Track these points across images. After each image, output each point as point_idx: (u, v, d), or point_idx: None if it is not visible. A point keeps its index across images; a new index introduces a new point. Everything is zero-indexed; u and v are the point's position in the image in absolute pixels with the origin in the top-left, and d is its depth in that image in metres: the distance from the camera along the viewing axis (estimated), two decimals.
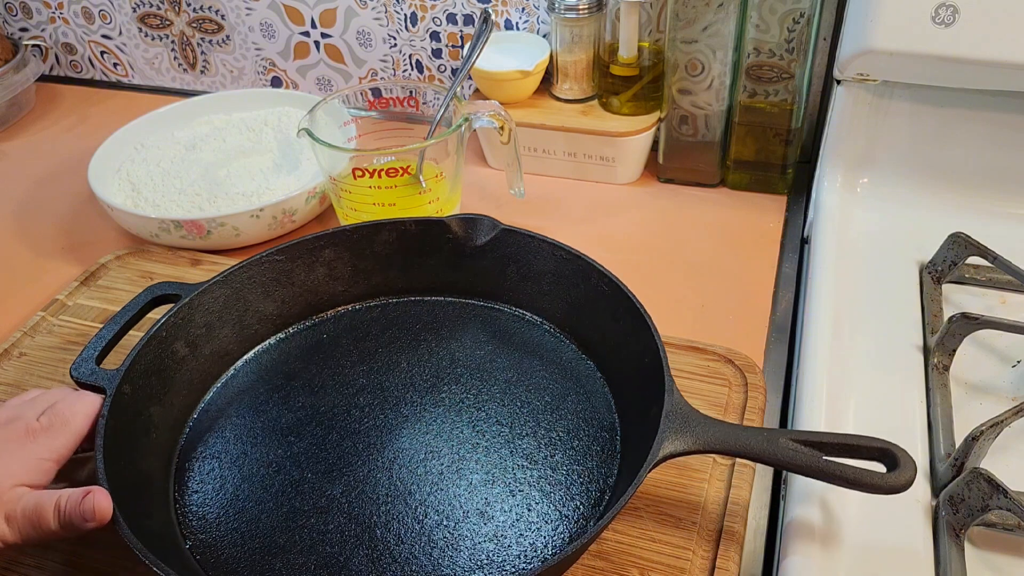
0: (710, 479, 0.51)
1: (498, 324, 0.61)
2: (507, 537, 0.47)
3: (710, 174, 0.78)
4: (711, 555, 0.47)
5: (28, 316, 0.67)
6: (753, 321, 0.64)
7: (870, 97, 0.66)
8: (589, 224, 0.75)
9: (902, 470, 0.42)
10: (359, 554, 0.46)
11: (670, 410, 0.46)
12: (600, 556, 0.47)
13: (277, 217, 0.71)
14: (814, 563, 0.45)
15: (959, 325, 0.54)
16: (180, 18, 0.95)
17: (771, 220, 0.74)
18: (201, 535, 0.48)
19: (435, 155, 0.68)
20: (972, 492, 0.44)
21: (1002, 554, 0.45)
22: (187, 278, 0.69)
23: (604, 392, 0.55)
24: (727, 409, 0.55)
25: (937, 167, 0.68)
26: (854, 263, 0.64)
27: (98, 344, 0.52)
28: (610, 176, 0.79)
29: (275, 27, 0.91)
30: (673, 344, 0.59)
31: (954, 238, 0.61)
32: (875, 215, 0.68)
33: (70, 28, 1.00)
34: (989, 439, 0.47)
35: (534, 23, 0.82)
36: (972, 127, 0.66)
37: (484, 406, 0.55)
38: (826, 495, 0.48)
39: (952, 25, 0.58)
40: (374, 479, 0.50)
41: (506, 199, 0.77)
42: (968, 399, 0.54)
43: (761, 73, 0.71)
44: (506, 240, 0.60)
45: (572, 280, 0.58)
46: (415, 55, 0.88)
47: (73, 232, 0.78)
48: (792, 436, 0.44)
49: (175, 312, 0.54)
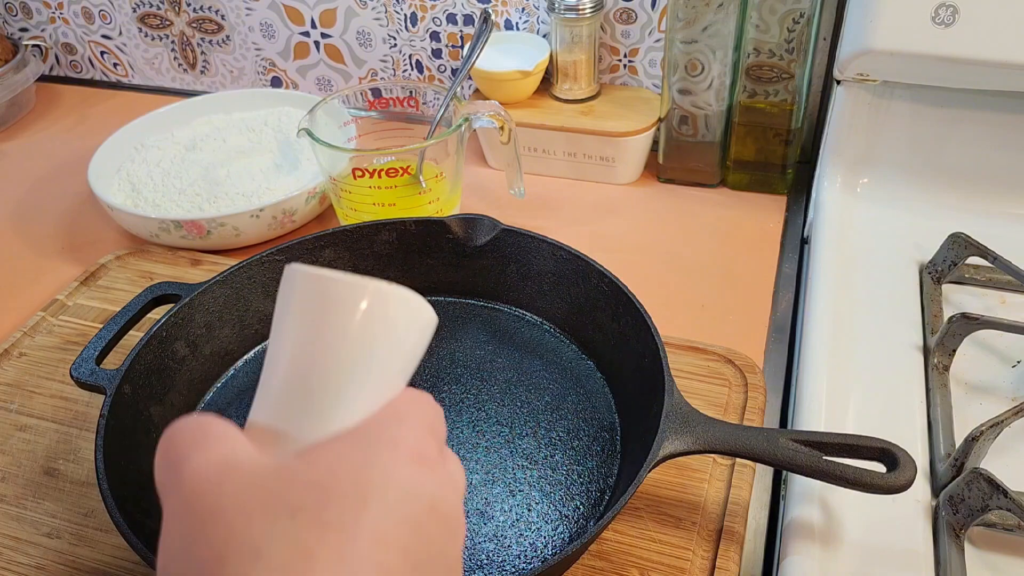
0: (710, 479, 0.51)
1: (498, 324, 0.61)
2: (507, 537, 0.47)
3: (710, 174, 0.78)
4: (711, 555, 0.47)
5: (28, 316, 0.67)
6: (753, 321, 0.64)
7: (870, 97, 0.66)
8: (589, 224, 0.75)
9: (902, 470, 0.42)
10: None
11: (670, 410, 0.46)
12: (600, 556, 0.47)
13: (277, 217, 0.71)
14: (814, 563, 0.45)
15: (959, 325, 0.54)
16: (180, 18, 0.95)
17: (771, 220, 0.74)
18: None
19: (435, 155, 0.68)
20: (972, 492, 0.44)
21: (1002, 554, 0.45)
22: (187, 278, 0.69)
23: (604, 392, 0.55)
24: (727, 409, 0.55)
25: (937, 167, 0.68)
26: (854, 263, 0.64)
27: (98, 344, 0.52)
28: (610, 176, 0.79)
29: (275, 27, 0.91)
30: (673, 344, 0.59)
31: (954, 238, 0.61)
32: (875, 215, 0.68)
33: (70, 28, 1.00)
34: (989, 439, 0.47)
35: (534, 23, 0.82)
36: (972, 127, 0.66)
37: (484, 406, 0.55)
38: (826, 495, 0.48)
39: (952, 25, 0.58)
40: None
41: (506, 199, 0.77)
42: (968, 399, 0.54)
43: (761, 73, 0.71)
44: (506, 240, 0.60)
45: (572, 280, 0.58)
46: (415, 55, 0.88)
47: (73, 232, 0.78)
48: (792, 436, 0.44)
49: (175, 312, 0.54)
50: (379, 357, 0.28)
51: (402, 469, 0.26)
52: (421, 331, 0.29)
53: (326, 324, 0.27)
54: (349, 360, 0.27)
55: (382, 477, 0.25)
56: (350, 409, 0.27)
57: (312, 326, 0.27)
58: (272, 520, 0.24)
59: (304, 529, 0.24)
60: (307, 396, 0.27)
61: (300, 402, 0.27)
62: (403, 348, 0.28)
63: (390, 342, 0.28)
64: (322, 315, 0.27)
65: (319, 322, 0.27)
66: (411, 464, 0.26)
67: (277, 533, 0.23)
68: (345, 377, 0.27)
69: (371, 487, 0.25)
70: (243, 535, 0.23)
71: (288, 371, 0.27)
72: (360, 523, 0.24)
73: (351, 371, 0.27)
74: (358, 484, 0.25)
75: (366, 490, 0.25)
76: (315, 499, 0.24)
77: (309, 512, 0.24)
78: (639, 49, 0.80)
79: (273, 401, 0.27)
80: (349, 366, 0.27)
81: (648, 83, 0.82)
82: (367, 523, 0.24)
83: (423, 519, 0.26)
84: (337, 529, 0.24)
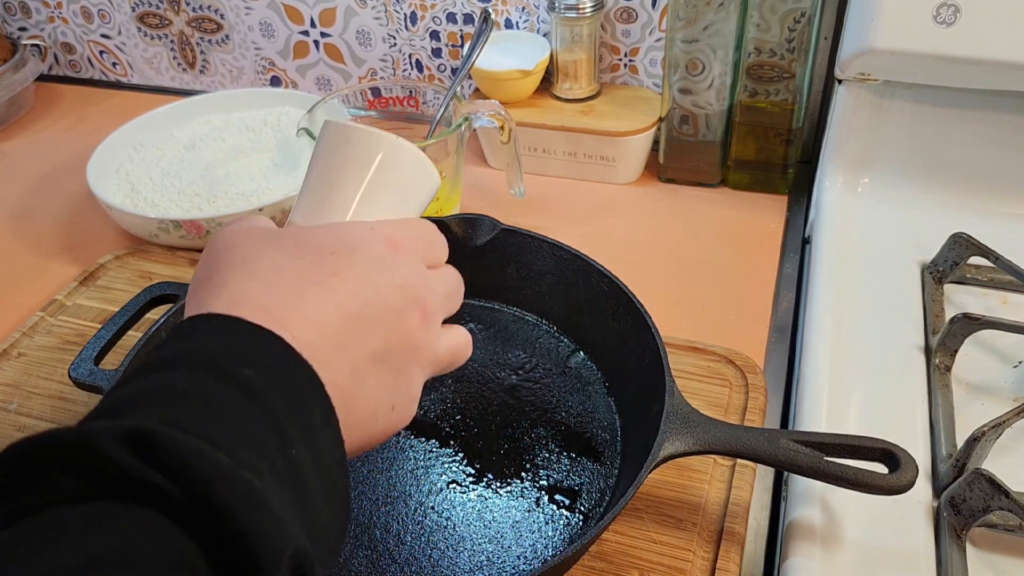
0: (711, 480, 0.51)
1: (498, 324, 0.61)
2: (507, 538, 0.47)
3: (711, 174, 0.78)
4: (712, 556, 0.47)
5: (27, 316, 0.67)
6: (754, 321, 0.64)
7: (871, 97, 0.66)
8: (589, 224, 0.75)
9: (903, 471, 0.42)
10: (358, 555, 0.46)
11: (671, 411, 0.45)
12: (600, 557, 0.47)
13: (276, 217, 0.71)
14: (815, 564, 0.45)
15: (961, 325, 0.54)
16: (179, 17, 0.94)
17: (772, 220, 0.74)
18: None
19: (435, 155, 0.68)
20: (974, 493, 0.44)
21: (1004, 555, 0.45)
22: (186, 278, 0.69)
23: (604, 392, 0.55)
24: (728, 410, 0.55)
25: (938, 167, 0.68)
26: (855, 263, 0.64)
27: (97, 344, 0.52)
28: (610, 176, 0.79)
29: (274, 26, 0.91)
30: (673, 344, 0.59)
31: (956, 238, 0.60)
32: (876, 215, 0.68)
33: (69, 27, 1.00)
34: (991, 440, 0.47)
35: (534, 22, 0.82)
36: (974, 127, 0.66)
37: (484, 406, 0.55)
38: (827, 496, 0.48)
39: (953, 24, 0.58)
40: (373, 480, 0.50)
41: (506, 199, 0.77)
42: (969, 399, 0.53)
43: (762, 73, 0.71)
44: (506, 240, 0.60)
45: (572, 280, 0.58)
46: (415, 54, 0.88)
47: (72, 232, 0.78)
48: (793, 437, 0.44)
49: (175, 312, 0.54)
50: (383, 182, 0.36)
51: (375, 244, 0.33)
52: (421, 174, 0.37)
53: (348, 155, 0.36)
54: (358, 178, 0.35)
55: (355, 239, 0.33)
56: (352, 214, 0.35)
57: (336, 155, 0.36)
58: (261, 249, 0.32)
59: (284, 257, 0.31)
60: (323, 201, 0.35)
61: (318, 205, 0.35)
62: (405, 183, 0.37)
63: (394, 175, 0.36)
64: (345, 148, 0.36)
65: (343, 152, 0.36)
66: (385, 245, 0.33)
67: (263, 256, 0.31)
68: (352, 191, 0.35)
69: (342, 243, 0.32)
70: (236, 255, 0.31)
71: (313, 184, 0.36)
72: (326, 262, 0.31)
73: (358, 188, 0.35)
74: (334, 239, 0.32)
75: (336, 245, 0.32)
76: (298, 243, 0.32)
77: (290, 250, 0.32)
78: (640, 48, 0.80)
79: (298, 206, 0.36)
80: (358, 183, 0.35)
81: (649, 82, 0.82)
82: (333, 263, 0.31)
83: (385, 286, 0.32)
84: (309, 263, 0.31)
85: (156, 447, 0.22)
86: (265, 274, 0.30)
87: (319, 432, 0.28)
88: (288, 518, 0.24)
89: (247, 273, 0.30)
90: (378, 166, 0.36)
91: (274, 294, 0.29)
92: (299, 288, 0.30)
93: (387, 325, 0.32)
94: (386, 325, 0.32)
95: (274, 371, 0.27)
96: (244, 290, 0.29)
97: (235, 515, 0.22)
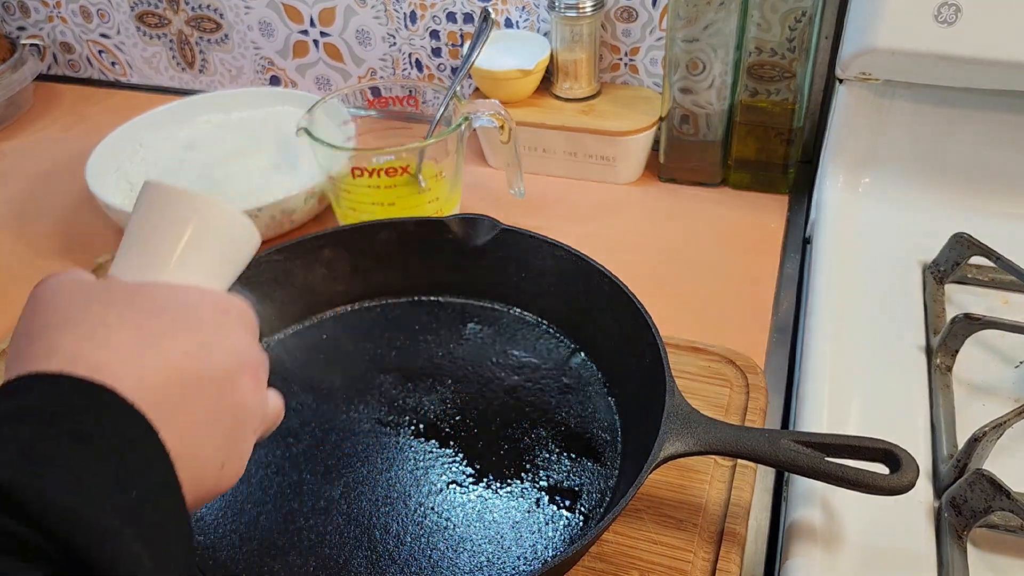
0: (711, 480, 0.51)
1: (498, 324, 0.61)
2: (507, 539, 0.47)
3: (711, 173, 0.78)
4: (712, 557, 0.47)
5: None
6: (755, 321, 0.64)
7: (872, 96, 0.66)
8: (589, 224, 0.75)
9: (904, 471, 0.42)
10: (358, 556, 0.46)
11: (671, 411, 0.45)
12: (600, 558, 0.47)
13: (276, 217, 0.71)
14: (816, 565, 0.44)
15: (962, 325, 0.54)
16: (178, 17, 0.94)
17: (773, 220, 0.74)
18: (199, 537, 0.48)
19: (435, 154, 0.68)
20: (975, 493, 0.44)
21: (1005, 556, 0.45)
22: None
23: (604, 392, 0.55)
24: (728, 410, 0.55)
25: (939, 167, 0.68)
26: (856, 263, 0.64)
27: None
28: (611, 175, 0.79)
29: (274, 26, 0.91)
30: (674, 344, 0.59)
31: (957, 238, 0.60)
32: (877, 215, 0.68)
33: (68, 27, 1.00)
34: (992, 440, 0.47)
35: (534, 22, 0.82)
36: (975, 127, 0.66)
37: (484, 406, 0.54)
38: (828, 496, 0.48)
39: (954, 24, 0.58)
40: (373, 480, 0.50)
41: (506, 199, 0.77)
42: (971, 400, 0.53)
43: (763, 72, 0.71)
44: (506, 240, 0.60)
45: (572, 280, 0.57)
46: (415, 54, 0.88)
47: (71, 232, 0.78)
48: (794, 437, 0.44)
49: None
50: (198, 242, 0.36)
51: (204, 307, 0.34)
52: (239, 239, 0.39)
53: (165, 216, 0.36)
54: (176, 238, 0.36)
55: (185, 301, 0.33)
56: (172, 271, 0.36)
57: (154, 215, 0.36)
58: (88, 305, 0.31)
59: (112, 313, 0.31)
60: (143, 257, 0.36)
61: (137, 261, 0.36)
62: (222, 243, 0.38)
63: (208, 236, 0.37)
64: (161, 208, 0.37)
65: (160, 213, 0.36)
66: (215, 309, 0.34)
67: (90, 312, 0.31)
68: (171, 249, 0.36)
69: (173, 303, 0.33)
70: (63, 312, 0.31)
71: (133, 241, 0.36)
72: (158, 321, 0.32)
73: (176, 247, 0.36)
74: (165, 299, 0.33)
75: (167, 305, 0.33)
76: (126, 299, 0.32)
77: (119, 306, 0.31)
78: (640, 48, 0.80)
79: (118, 262, 0.36)
80: (174, 243, 0.36)
81: (649, 82, 0.82)
82: (164, 324, 0.32)
83: (219, 349, 0.33)
84: (138, 319, 0.31)
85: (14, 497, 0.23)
86: (95, 331, 0.30)
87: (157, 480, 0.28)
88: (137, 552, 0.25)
89: (77, 333, 0.30)
90: (195, 227, 0.36)
91: (104, 352, 0.29)
92: (132, 347, 0.30)
93: (220, 386, 0.32)
94: (219, 386, 0.32)
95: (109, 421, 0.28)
96: (76, 351, 0.29)
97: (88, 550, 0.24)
